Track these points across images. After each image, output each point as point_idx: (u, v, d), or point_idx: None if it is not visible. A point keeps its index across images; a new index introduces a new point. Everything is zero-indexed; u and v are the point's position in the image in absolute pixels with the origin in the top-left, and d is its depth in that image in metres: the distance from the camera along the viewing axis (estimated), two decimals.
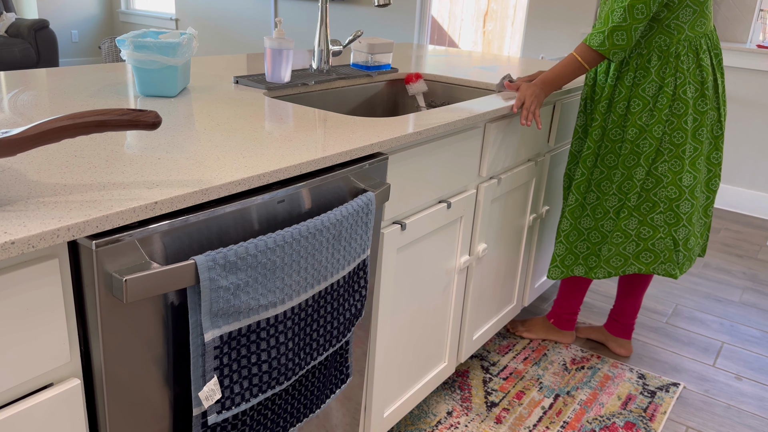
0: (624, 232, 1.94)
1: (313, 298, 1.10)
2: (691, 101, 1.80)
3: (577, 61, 1.77)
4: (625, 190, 1.91)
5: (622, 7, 1.67)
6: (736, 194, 3.92)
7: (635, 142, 1.86)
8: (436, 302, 1.71)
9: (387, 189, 1.28)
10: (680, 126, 1.82)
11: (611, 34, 1.70)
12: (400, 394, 1.67)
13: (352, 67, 2.08)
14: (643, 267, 1.96)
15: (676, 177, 1.85)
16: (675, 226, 1.89)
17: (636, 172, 1.88)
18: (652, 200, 1.89)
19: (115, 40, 2.20)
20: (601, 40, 1.72)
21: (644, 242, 1.94)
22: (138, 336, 0.90)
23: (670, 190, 1.86)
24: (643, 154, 1.85)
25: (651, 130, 1.83)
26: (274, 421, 1.12)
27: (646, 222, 1.91)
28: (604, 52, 1.72)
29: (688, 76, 1.80)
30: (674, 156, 1.84)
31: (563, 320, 2.26)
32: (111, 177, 0.92)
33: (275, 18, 4.58)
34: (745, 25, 3.85)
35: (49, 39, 5.96)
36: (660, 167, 1.86)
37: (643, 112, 1.83)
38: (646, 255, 1.95)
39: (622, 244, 1.95)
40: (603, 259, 1.99)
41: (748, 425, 1.95)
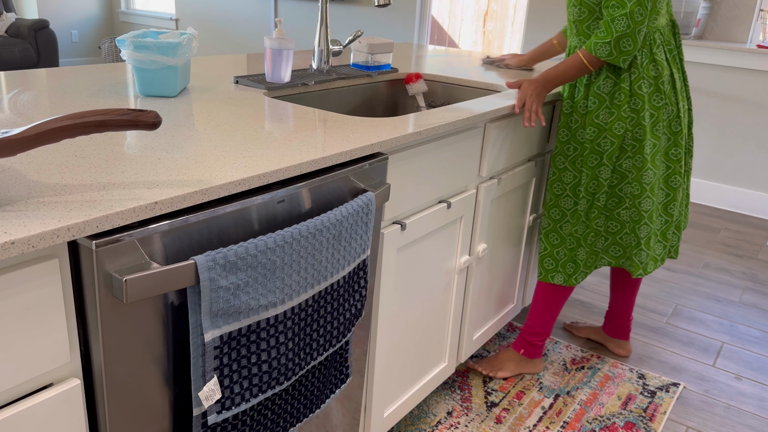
0: (595, 231, 1.91)
1: (313, 298, 1.10)
2: (646, 96, 1.78)
3: (582, 63, 1.75)
4: (592, 191, 1.88)
5: (624, 15, 1.65)
6: (736, 194, 3.92)
7: (595, 141, 1.83)
8: (436, 302, 1.71)
9: (387, 189, 1.28)
10: (639, 122, 1.79)
11: (618, 43, 1.68)
12: (400, 394, 1.67)
13: (352, 67, 2.08)
14: (613, 260, 1.94)
15: (640, 173, 1.82)
16: (638, 224, 1.86)
17: (601, 172, 1.85)
18: (618, 196, 1.86)
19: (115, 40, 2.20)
20: (608, 51, 1.70)
21: (612, 236, 1.92)
22: (138, 336, 0.90)
23: (633, 186, 1.83)
24: (605, 153, 1.83)
25: (611, 128, 1.80)
26: (274, 421, 1.12)
27: (613, 216, 1.89)
28: (614, 61, 1.71)
29: (642, 71, 1.77)
30: (637, 152, 1.81)
31: (535, 348, 2.09)
32: (111, 177, 0.92)
33: (275, 18, 4.58)
34: (745, 25, 3.85)
35: (49, 39, 5.96)
36: (624, 164, 1.83)
37: (599, 110, 1.81)
38: (615, 249, 1.93)
39: (595, 242, 1.93)
40: (581, 263, 1.95)
41: (748, 425, 1.95)
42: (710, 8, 3.92)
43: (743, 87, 3.78)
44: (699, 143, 3.99)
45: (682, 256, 3.19)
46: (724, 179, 3.95)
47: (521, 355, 2.09)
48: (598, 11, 1.75)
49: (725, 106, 3.86)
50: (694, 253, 3.25)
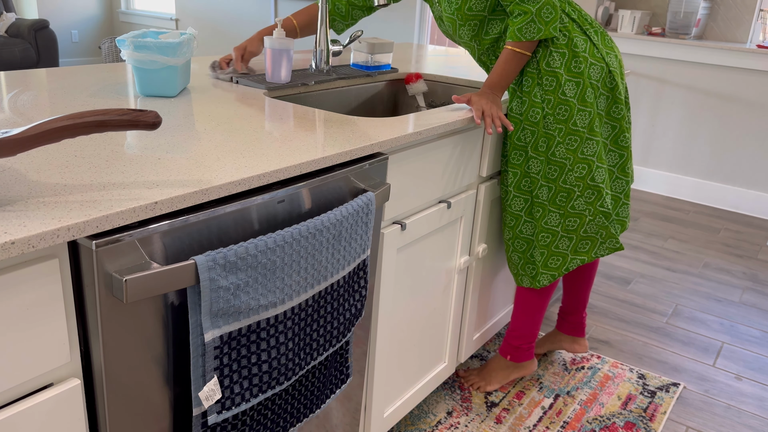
0: (548, 230, 1.74)
1: (313, 298, 1.10)
2: (562, 69, 1.62)
3: (517, 54, 1.60)
4: (525, 188, 1.73)
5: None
6: (736, 194, 3.92)
7: (515, 136, 1.69)
8: (436, 302, 1.71)
9: (387, 189, 1.28)
10: (559, 100, 1.63)
11: (540, 16, 1.54)
12: (400, 394, 1.67)
13: (352, 67, 2.08)
14: (586, 257, 1.78)
15: (577, 153, 1.66)
16: (598, 201, 1.71)
17: (530, 166, 1.70)
18: (565, 189, 1.69)
19: (115, 40, 2.21)
20: (535, 29, 1.56)
21: (575, 233, 1.74)
22: (138, 336, 0.90)
23: (578, 169, 1.67)
24: (529, 145, 1.68)
25: (527, 117, 1.65)
26: (274, 421, 1.12)
27: (568, 213, 1.72)
28: (545, 34, 1.57)
29: (549, 46, 1.63)
30: (566, 134, 1.65)
31: (521, 351, 1.95)
32: (111, 177, 0.92)
33: (275, 18, 4.58)
34: (745, 25, 3.85)
35: (49, 39, 5.96)
36: (557, 152, 1.66)
37: (512, 102, 1.68)
38: (584, 244, 1.76)
39: (553, 243, 1.76)
40: (540, 264, 1.78)
41: (748, 425, 1.95)
42: (710, 8, 3.92)
43: (743, 87, 3.78)
44: (699, 143, 3.99)
45: (682, 256, 3.19)
46: (724, 179, 3.95)
47: (509, 362, 1.97)
48: (487, 15, 1.64)
49: (725, 106, 3.86)
50: (694, 253, 3.25)
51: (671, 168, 4.12)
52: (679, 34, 3.91)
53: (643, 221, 3.65)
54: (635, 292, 2.78)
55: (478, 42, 1.71)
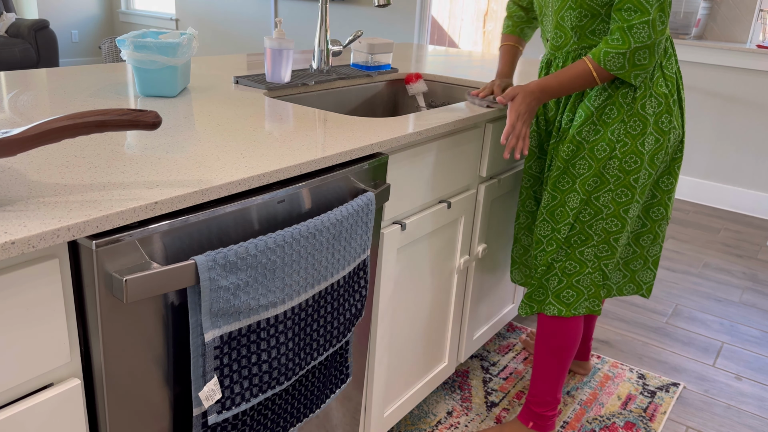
0: (548, 264, 1.63)
1: (313, 298, 1.10)
2: (651, 118, 1.48)
3: (590, 74, 1.46)
4: (557, 217, 1.58)
5: (645, 22, 1.37)
6: (736, 194, 3.92)
7: (570, 160, 1.53)
8: (436, 302, 1.71)
9: (387, 189, 1.28)
10: (634, 149, 1.49)
11: (633, 55, 1.41)
12: (400, 394, 1.67)
13: (352, 67, 2.08)
14: (564, 309, 1.63)
15: (619, 209, 1.53)
16: (606, 259, 1.60)
17: (570, 199, 1.55)
18: (586, 233, 1.56)
19: (115, 40, 2.20)
20: (621, 64, 1.42)
21: (568, 278, 1.61)
22: (138, 336, 0.90)
23: (609, 222, 1.55)
24: (580, 178, 1.53)
25: (593, 149, 1.50)
26: (274, 421, 1.12)
27: (574, 256, 1.59)
28: (625, 76, 1.43)
29: (651, 88, 1.48)
30: (621, 185, 1.51)
31: (545, 420, 1.76)
32: (111, 177, 0.92)
33: (275, 18, 4.58)
34: (745, 25, 3.85)
35: (49, 39, 5.96)
36: (602, 197, 1.52)
37: (584, 126, 1.51)
38: (568, 294, 1.62)
39: (545, 276, 1.64)
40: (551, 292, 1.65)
41: (748, 425, 1.95)
42: (710, 8, 3.92)
43: (743, 87, 3.78)
44: (699, 143, 3.99)
45: (682, 256, 3.19)
46: (724, 179, 3.95)
47: (530, 429, 1.77)
48: (603, 14, 1.47)
49: (725, 106, 3.86)
50: (694, 253, 3.25)
51: None
52: (679, 34, 3.91)
53: None
54: None
55: (577, 34, 1.52)
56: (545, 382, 1.73)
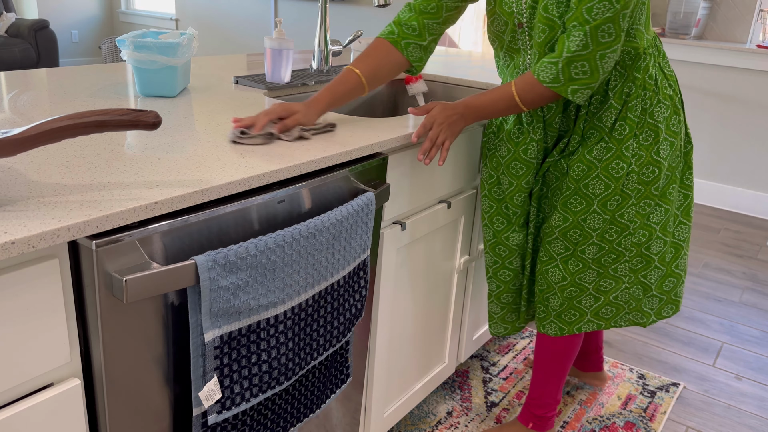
0: (579, 286, 1.54)
1: (313, 298, 1.10)
2: (663, 124, 1.43)
3: (512, 97, 1.34)
4: (573, 239, 1.50)
5: (582, 31, 1.26)
6: (736, 194, 3.92)
7: (581, 180, 1.45)
8: (436, 302, 1.71)
9: (387, 189, 1.28)
10: (650, 159, 1.43)
11: (567, 66, 1.28)
12: (400, 394, 1.67)
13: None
14: (604, 324, 1.58)
15: (644, 219, 1.48)
16: (644, 270, 1.53)
17: (587, 219, 1.47)
18: (616, 251, 1.50)
19: (115, 40, 2.20)
20: (553, 75, 1.29)
21: (605, 295, 1.54)
22: (138, 336, 0.90)
23: (638, 235, 1.49)
24: (597, 198, 1.45)
25: (607, 168, 1.43)
26: (274, 421, 1.12)
27: (608, 274, 1.52)
28: (559, 90, 1.30)
29: (658, 93, 1.42)
30: (643, 196, 1.46)
31: (545, 420, 1.77)
32: (111, 177, 0.92)
33: (275, 18, 4.58)
34: (745, 25, 3.85)
35: (49, 39, 5.96)
36: (626, 214, 1.46)
37: (595, 145, 1.44)
38: (608, 310, 1.57)
39: (577, 298, 1.56)
40: (554, 313, 1.58)
41: (748, 425, 1.96)
42: (710, 8, 3.92)
43: (743, 87, 3.78)
44: (699, 143, 3.99)
45: None
46: (724, 179, 3.95)
47: (530, 429, 1.77)
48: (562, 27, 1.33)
49: (725, 106, 3.86)
50: (694, 253, 3.25)
51: None
52: (679, 34, 3.91)
53: None
54: None
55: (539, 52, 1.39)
56: (546, 385, 1.72)
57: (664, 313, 1.61)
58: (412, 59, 1.44)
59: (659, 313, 1.60)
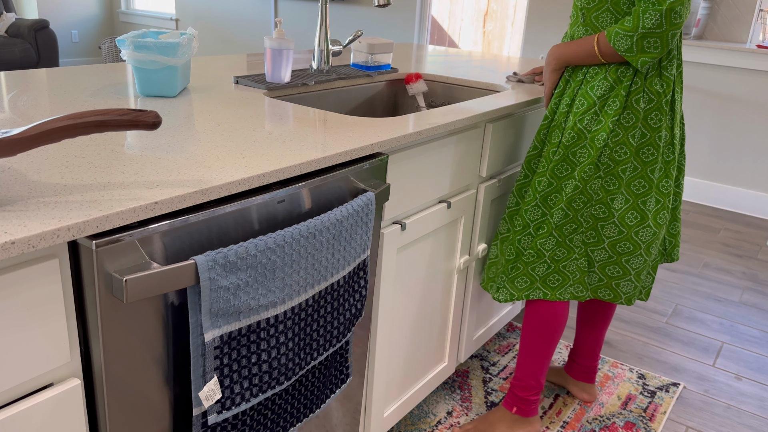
0: (537, 251, 1.63)
1: (313, 298, 1.10)
2: (642, 113, 1.53)
3: (593, 48, 1.52)
4: (551, 203, 1.61)
5: (659, 11, 1.39)
6: (736, 194, 3.92)
7: (571, 148, 1.57)
8: (436, 302, 1.71)
9: (387, 189, 1.28)
10: (625, 140, 1.53)
11: (642, 40, 1.43)
12: (400, 394, 1.67)
13: (352, 67, 2.08)
14: (549, 293, 1.65)
15: (607, 197, 1.57)
16: (593, 246, 1.62)
17: (566, 185, 1.59)
18: (577, 221, 1.59)
19: (115, 40, 2.20)
20: (628, 45, 1.45)
21: (554, 263, 1.63)
22: (138, 336, 0.90)
23: (597, 209, 1.58)
24: (579, 166, 1.57)
25: (594, 138, 1.54)
26: (274, 421, 1.12)
27: (564, 243, 1.61)
28: (632, 59, 1.46)
29: (644, 84, 1.52)
30: (611, 173, 1.56)
31: (528, 404, 1.78)
32: (111, 177, 0.92)
33: (275, 18, 4.58)
34: (745, 25, 3.85)
35: (49, 39, 5.96)
36: (593, 184, 1.56)
37: (586, 114, 1.55)
38: (554, 278, 1.64)
39: (532, 264, 1.65)
40: (507, 280, 1.69)
41: (748, 425, 1.96)
42: (710, 8, 3.92)
43: (743, 87, 3.78)
44: (699, 143, 3.99)
45: (682, 256, 3.19)
46: (724, 179, 3.95)
47: (514, 414, 1.79)
48: (609, 1, 1.50)
49: (725, 106, 3.86)
50: (694, 253, 3.25)
51: None
52: None
53: None
54: None
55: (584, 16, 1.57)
56: (530, 365, 1.75)
57: (600, 293, 1.68)
58: None
59: (596, 291, 1.68)
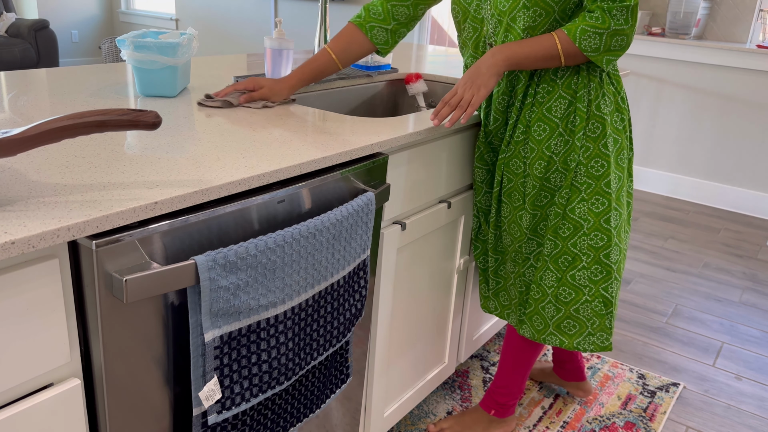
0: (541, 288, 1.51)
1: (313, 298, 1.10)
2: (608, 118, 1.42)
3: (555, 49, 1.34)
4: (542, 231, 1.51)
5: (625, 7, 1.29)
6: (736, 194, 3.92)
7: (544, 176, 1.45)
8: (436, 302, 1.71)
9: (387, 189, 1.28)
10: (598, 152, 1.42)
11: (611, 38, 1.32)
12: (400, 394, 1.67)
13: (352, 67, 2.08)
14: (566, 341, 1.52)
15: (600, 219, 1.43)
16: (605, 282, 1.46)
17: (550, 213, 1.48)
18: (572, 253, 1.46)
19: (115, 40, 2.20)
20: (597, 45, 1.32)
21: (564, 307, 1.49)
22: (138, 336, 0.90)
23: (594, 237, 1.44)
24: (558, 190, 1.46)
25: (564, 161, 1.43)
26: (274, 421, 1.12)
27: (565, 280, 1.48)
28: (597, 59, 1.35)
29: (602, 86, 1.42)
30: (595, 192, 1.43)
31: (506, 408, 1.76)
32: (111, 177, 0.92)
33: (275, 18, 4.58)
34: (745, 25, 3.85)
35: (49, 39, 5.96)
36: (577, 209, 1.43)
37: (551, 139, 1.43)
38: (569, 324, 1.50)
39: (541, 302, 1.52)
40: (527, 314, 1.56)
41: (748, 425, 1.96)
42: (710, 8, 3.92)
43: (743, 87, 3.78)
44: (699, 143, 3.99)
45: (682, 256, 3.19)
46: (724, 179, 3.95)
47: (491, 416, 1.77)
48: (557, 10, 1.36)
49: (725, 106, 3.86)
50: (694, 253, 3.25)
51: (671, 168, 4.12)
52: (679, 34, 3.91)
53: (643, 221, 3.65)
54: (635, 292, 2.78)
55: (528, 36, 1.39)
56: (512, 375, 1.73)
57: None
58: (377, 42, 1.55)
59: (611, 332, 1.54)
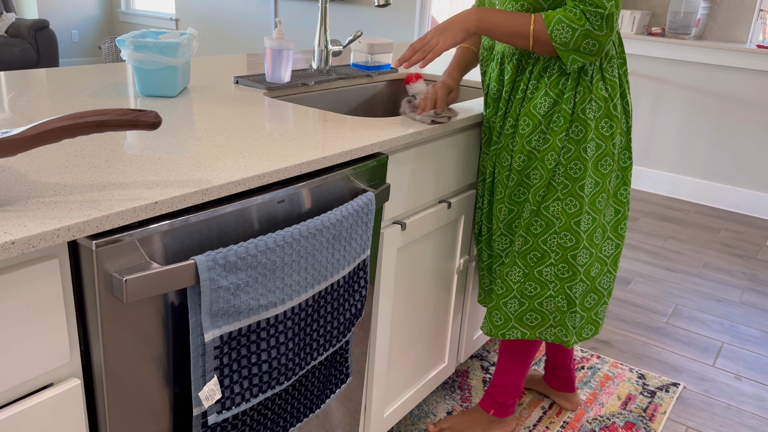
0: (505, 283, 1.56)
1: (313, 298, 1.10)
2: (593, 123, 1.43)
3: (527, 34, 1.35)
4: (515, 229, 1.55)
5: (600, 15, 1.29)
6: (736, 194, 3.92)
7: (523, 171, 1.49)
8: (436, 302, 1.71)
9: (387, 189, 1.28)
10: (578, 155, 1.43)
11: (583, 38, 1.31)
12: (400, 394, 1.67)
13: (352, 67, 2.08)
14: (528, 332, 1.56)
15: (571, 220, 1.47)
16: (570, 281, 1.51)
17: (524, 209, 1.51)
18: (541, 250, 1.50)
19: (115, 40, 2.20)
20: (567, 39, 1.32)
21: (528, 300, 1.54)
22: (138, 336, 0.90)
23: (563, 237, 1.48)
24: (533, 188, 1.48)
25: (543, 158, 1.45)
26: (274, 421, 1.12)
27: (532, 276, 1.52)
28: (564, 54, 1.34)
29: (592, 92, 1.41)
30: (569, 194, 1.45)
31: (506, 408, 1.77)
32: (111, 177, 0.92)
33: (275, 18, 4.58)
34: (745, 25, 3.85)
35: (49, 39, 5.96)
36: (551, 207, 1.47)
37: (533, 135, 1.45)
38: (532, 316, 1.55)
39: (503, 297, 1.56)
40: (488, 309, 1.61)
41: (748, 425, 1.96)
42: (710, 8, 3.92)
43: (743, 87, 3.78)
44: (699, 143, 3.99)
45: (682, 256, 3.19)
46: (724, 179, 3.95)
47: (491, 416, 1.78)
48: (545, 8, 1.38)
49: (725, 106, 3.86)
50: (694, 253, 3.25)
51: (671, 168, 4.12)
52: (679, 34, 3.91)
53: (643, 221, 3.65)
54: (635, 292, 2.78)
55: None
56: (510, 375, 1.73)
57: (584, 334, 1.59)
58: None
59: (580, 333, 1.58)
